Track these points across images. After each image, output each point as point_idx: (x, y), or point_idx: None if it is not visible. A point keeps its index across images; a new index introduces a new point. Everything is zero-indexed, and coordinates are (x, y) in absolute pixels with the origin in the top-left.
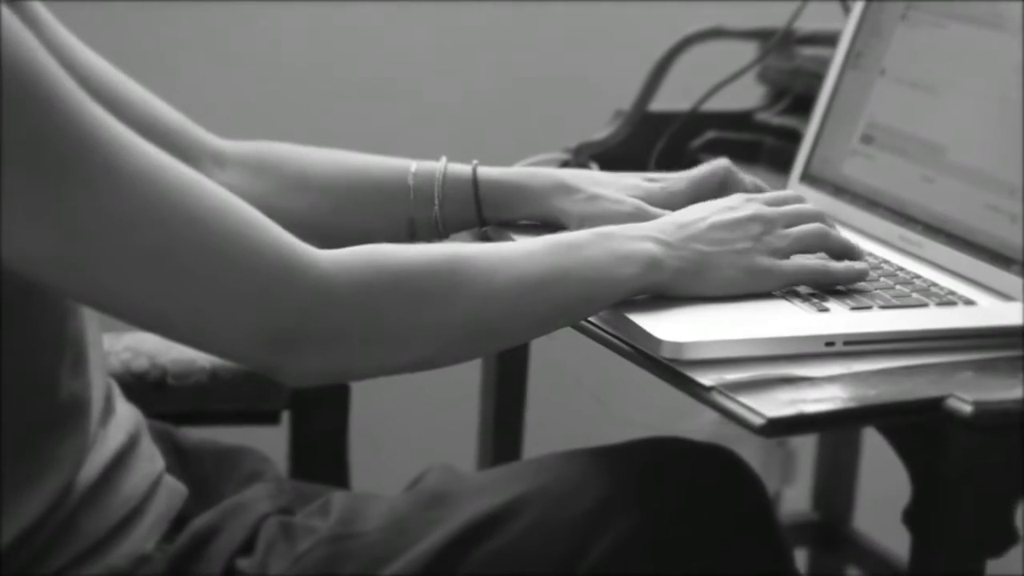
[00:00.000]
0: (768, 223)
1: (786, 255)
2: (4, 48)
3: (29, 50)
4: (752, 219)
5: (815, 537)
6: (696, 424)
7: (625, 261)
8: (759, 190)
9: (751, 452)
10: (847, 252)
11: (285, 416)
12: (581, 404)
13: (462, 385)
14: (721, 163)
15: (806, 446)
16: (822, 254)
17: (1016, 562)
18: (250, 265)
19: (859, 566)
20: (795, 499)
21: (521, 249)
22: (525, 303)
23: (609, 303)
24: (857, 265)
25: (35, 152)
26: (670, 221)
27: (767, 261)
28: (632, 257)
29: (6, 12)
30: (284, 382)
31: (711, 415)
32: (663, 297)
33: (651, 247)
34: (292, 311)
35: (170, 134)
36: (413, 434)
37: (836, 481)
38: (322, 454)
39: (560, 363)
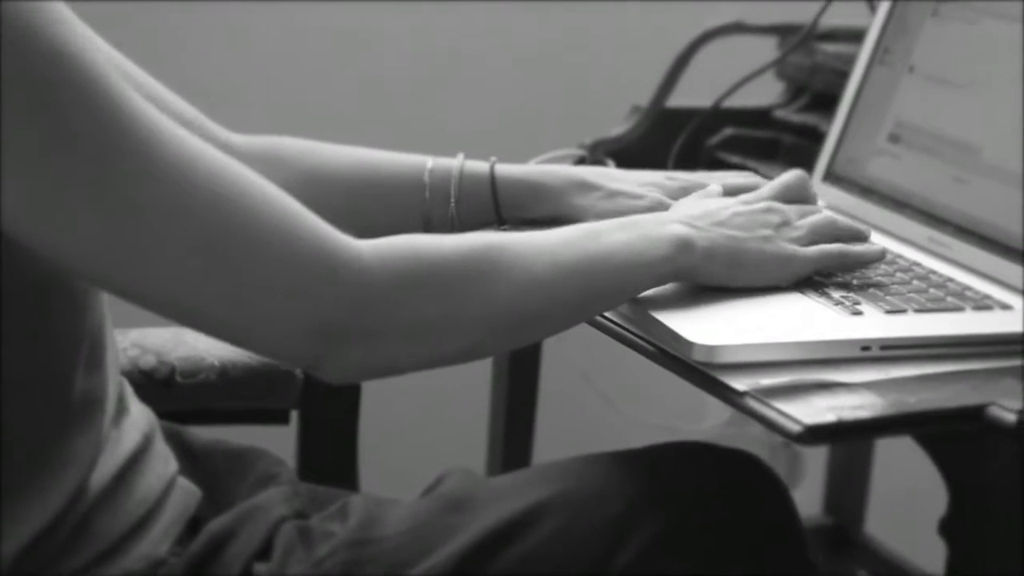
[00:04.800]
0: (783, 213)
1: (805, 244)
2: (46, 32)
3: (70, 35)
4: (769, 210)
5: (826, 541)
6: (700, 427)
7: (657, 242)
8: None
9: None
10: (856, 237)
11: (294, 416)
12: (591, 405)
13: (472, 384)
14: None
15: (812, 447)
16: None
17: None
18: (292, 257)
19: (871, 571)
20: (801, 501)
21: (555, 236)
22: (564, 289)
23: (645, 287)
24: (874, 247)
25: (74, 137)
26: (693, 206)
27: (791, 247)
28: (663, 238)
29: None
30: (326, 378)
31: (715, 418)
32: (690, 297)
33: (680, 228)
34: (335, 305)
35: (185, 127)
36: (422, 434)
37: (847, 484)
38: (331, 454)
39: (571, 363)
